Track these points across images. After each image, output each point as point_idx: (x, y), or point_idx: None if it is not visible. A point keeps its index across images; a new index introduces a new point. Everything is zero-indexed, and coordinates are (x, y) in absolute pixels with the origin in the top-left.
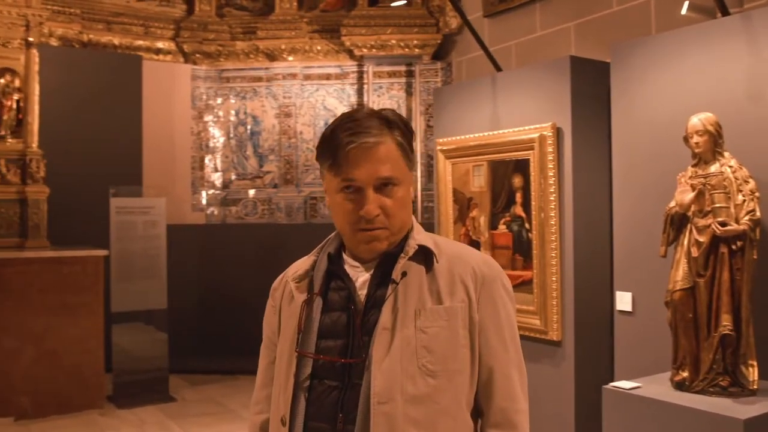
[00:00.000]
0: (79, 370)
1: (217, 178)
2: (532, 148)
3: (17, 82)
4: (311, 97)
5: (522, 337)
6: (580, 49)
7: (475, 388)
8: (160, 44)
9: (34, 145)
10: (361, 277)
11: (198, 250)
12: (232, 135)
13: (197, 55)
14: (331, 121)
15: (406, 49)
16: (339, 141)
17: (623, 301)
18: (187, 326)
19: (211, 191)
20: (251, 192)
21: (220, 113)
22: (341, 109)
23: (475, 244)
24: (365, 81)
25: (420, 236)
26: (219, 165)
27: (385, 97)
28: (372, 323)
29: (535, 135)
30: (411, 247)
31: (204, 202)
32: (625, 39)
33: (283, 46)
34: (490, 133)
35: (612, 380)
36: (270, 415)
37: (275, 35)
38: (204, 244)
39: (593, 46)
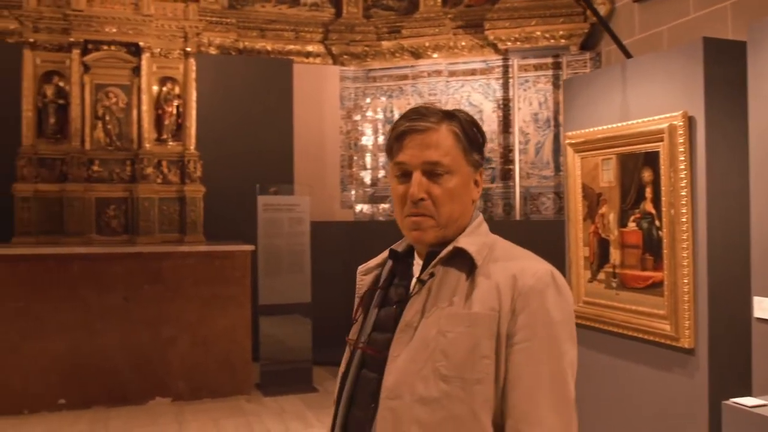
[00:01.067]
0: (229, 358)
1: (365, 176)
2: (661, 140)
3: (177, 90)
4: (456, 94)
5: (650, 342)
6: (738, 32)
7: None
8: (309, 48)
9: (192, 147)
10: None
11: (346, 246)
12: (379, 133)
13: (345, 57)
14: (477, 116)
15: (552, 41)
16: (396, 125)
17: (762, 307)
18: (332, 320)
19: (359, 189)
20: None
21: (368, 112)
22: (487, 104)
23: (605, 243)
24: (510, 75)
25: (468, 238)
26: (367, 163)
27: (531, 90)
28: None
29: (665, 125)
30: (447, 250)
31: (353, 199)
32: None
33: (427, 44)
34: (619, 124)
35: (750, 395)
36: None
37: (419, 33)
38: (351, 241)
39: None
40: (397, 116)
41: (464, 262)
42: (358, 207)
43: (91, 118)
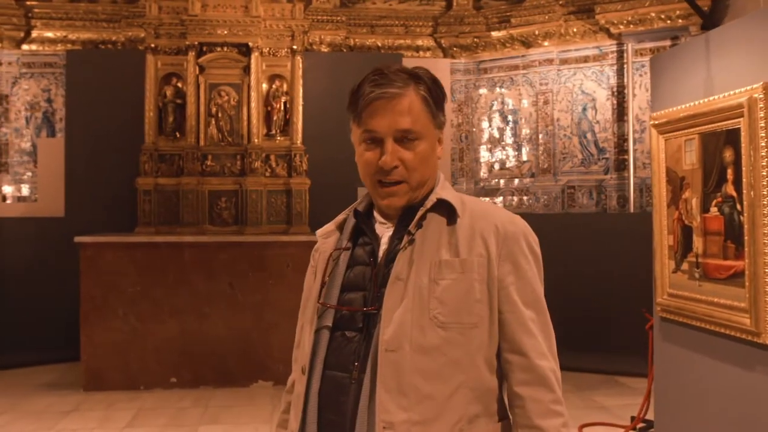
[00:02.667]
0: None
1: (477, 169)
2: (741, 115)
3: (285, 87)
4: (568, 82)
5: (731, 338)
6: None
7: (495, 347)
8: (419, 42)
9: (298, 141)
10: (387, 233)
11: None
12: (490, 125)
13: (455, 49)
14: (590, 105)
15: (668, 22)
16: (363, 91)
17: None
18: None
19: (471, 182)
20: (512, 181)
21: (479, 104)
22: (600, 92)
23: (688, 230)
24: (625, 60)
25: (444, 192)
26: (481, 156)
27: (647, 76)
28: (389, 275)
29: (744, 99)
30: (430, 201)
31: (463, 192)
32: None
33: (537, 32)
34: (700, 101)
35: None
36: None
37: (529, 21)
38: None
39: None
40: (507, 108)
41: (445, 213)
42: None
43: (205, 116)
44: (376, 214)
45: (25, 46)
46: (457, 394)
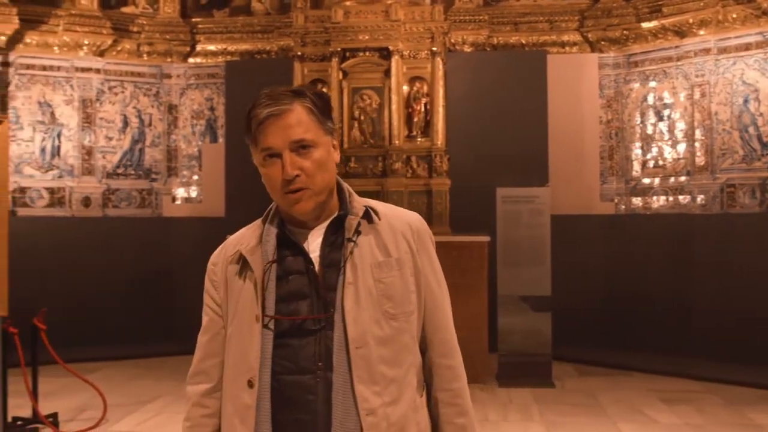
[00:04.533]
0: (466, 346)
1: (628, 167)
2: None
3: (425, 88)
4: (727, 73)
5: None
6: None
7: (421, 326)
8: (565, 37)
9: (439, 142)
10: (310, 242)
11: (601, 240)
12: (642, 121)
13: (603, 43)
14: (753, 96)
15: None
16: (254, 114)
17: None
18: (575, 315)
19: (622, 181)
20: (666, 180)
21: (630, 99)
22: (763, 82)
23: None
24: None
25: (360, 199)
26: (630, 153)
27: None
28: (332, 280)
29: None
30: (358, 209)
31: (613, 191)
32: None
33: (691, 20)
34: None
35: None
36: (228, 383)
37: (682, 9)
38: (608, 234)
39: None
40: (660, 103)
41: (364, 217)
42: (617, 199)
43: (349, 119)
44: (289, 226)
45: (190, 60)
46: (409, 373)
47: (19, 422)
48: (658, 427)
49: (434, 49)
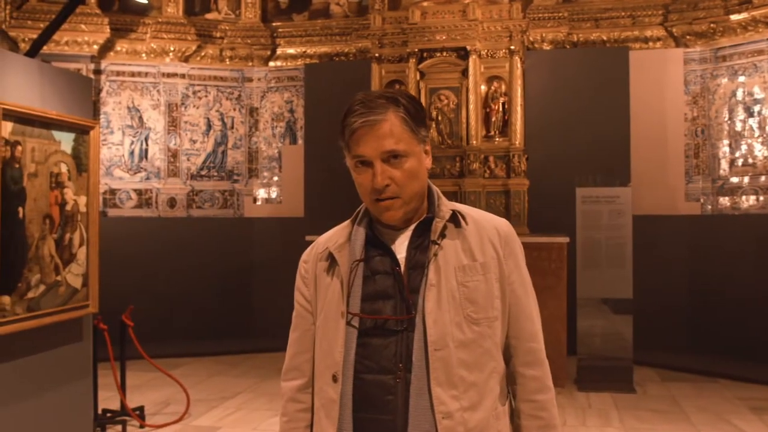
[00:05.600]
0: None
1: (715, 166)
2: None
3: (503, 88)
4: None
5: None
6: None
7: (505, 333)
8: (648, 32)
9: (517, 142)
10: (398, 243)
11: (686, 242)
12: (731, 118)
13: (688, 37)
14: None
15: None
16: (348, 122)
17: None
18: (658, 319)
19: (708, 180)
20: (756, 179)
21: (717, 95)
22: None
23: None
24: None
25: (449, 203)
26: (717, 151)
27: None
28: (416, 282)
29: None
30: (445, 212)
31: (699, 191)
32: None
33: None
34: None
35: None
36: (316, 377)
37: None
38: (693, 235)
39: None
40: (749, 98)
41: (452, 222)
42: (703, 199)
43: (427, 120)
44: (378, 226)
45: (271, 63)
46: (491, 379)
47: (108, 414)
48: None
49: (512, 47)
